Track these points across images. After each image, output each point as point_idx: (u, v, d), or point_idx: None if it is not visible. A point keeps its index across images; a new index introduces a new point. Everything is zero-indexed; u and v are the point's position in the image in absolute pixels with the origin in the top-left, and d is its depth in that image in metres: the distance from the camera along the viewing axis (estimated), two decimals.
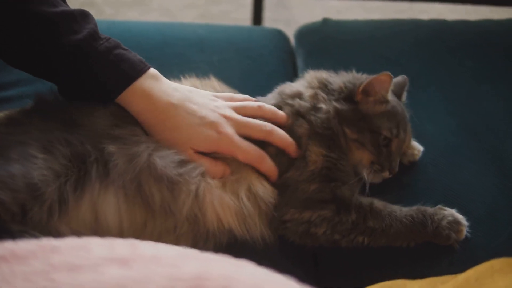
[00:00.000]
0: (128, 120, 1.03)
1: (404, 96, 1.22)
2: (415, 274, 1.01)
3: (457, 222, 1.04)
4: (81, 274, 0.54)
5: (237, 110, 1.08)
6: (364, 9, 2.92)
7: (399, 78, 1.21)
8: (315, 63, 1.34)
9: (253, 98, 1.14)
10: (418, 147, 1.19)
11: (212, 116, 1.04)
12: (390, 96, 1.13)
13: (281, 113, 1.10)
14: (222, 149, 1.04)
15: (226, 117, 1.05)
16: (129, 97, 1.02)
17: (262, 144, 1.06)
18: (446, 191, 1.15)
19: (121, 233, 0.97)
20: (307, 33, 1.58)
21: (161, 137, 1.02)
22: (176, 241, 1.00)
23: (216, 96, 1.10)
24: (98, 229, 0.96)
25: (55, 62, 1.01)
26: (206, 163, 1.03)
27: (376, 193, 1.09)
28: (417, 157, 1.19)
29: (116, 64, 1.01)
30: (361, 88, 1.09)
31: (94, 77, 1.01)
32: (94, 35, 1.02)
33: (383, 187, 1.11)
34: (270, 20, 2.74)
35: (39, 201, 0.90)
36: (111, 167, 0.97)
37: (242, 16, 2.83)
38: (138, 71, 1.03)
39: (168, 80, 1.07)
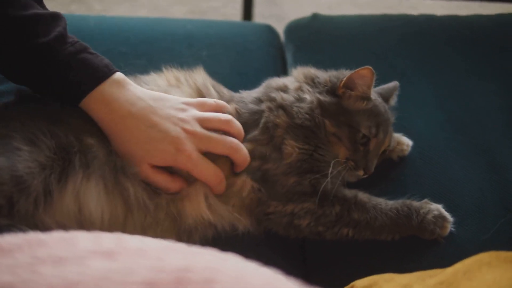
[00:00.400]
0: None
1: (393, 100, 1.22)
2: (404, 268, 1.01)
3: (442, 217, 1.05)
4: (66, 266, 0.54)
5: (203, 122, 1.04)
6: (354, 5, 2.92)
7: (390, 84, 1.22)
8: (304, 58, 1.34)
9: (226, 105, 1.11)
10: (407, 142, 1.20)
11: (174, 131, 1.00)
12: (374, 96, 1.13)
13: (243, 134, 1.08)
14: (179, 165, 1.02)
15: (189, 132, 1.02)
16: (90, 104, 1.00)
17: None
18: (434, 185, 1.15)
19: (103, 225, 0.97)
20: (296, 29, 1.58)
21: (117, 147, 1.01)
22: (161, 236, 1.00)
23: (187, 103, 1.06)
24: (83, 220, 0.96)
25: (22, 65, 1.00)
26: (161, 180, 1.02)
27: (364, 186, 1.09)
28: (406, 152, 1.19)
29: (79, 69, 0.99)
30: (343, 82, 1.10)
31: (58, 81, 1.00)
32: (61, 38, 1.00)
33: (371, 181, 1.11)
34: (260, 16, 2.74)
35: (25, 194, 0.89)
36: (91, 159, 0.97)
37: (232, 12, 2.83)
38: (100, 77, 1.00)
39: (135, 87, 1.04)
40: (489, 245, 1.02)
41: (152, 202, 1.01)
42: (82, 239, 0.61)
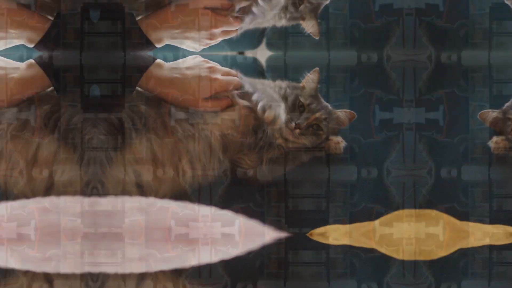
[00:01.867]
0: None
1: None
2: None
3: None
4: None
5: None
6: None
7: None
8: None
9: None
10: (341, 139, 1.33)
11: (203, 72, 1.33)
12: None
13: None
14: (222, 85, 1.33)
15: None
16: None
17: None
18: None
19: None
20: None
21: (175, 100, 1.31)
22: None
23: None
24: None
25: None
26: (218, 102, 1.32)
27: None
28: (341, 148, 1.33)
29: None
30: None
31: None
32: None
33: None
34: None
35: None
36: (147, 117, 1.29)
37: None
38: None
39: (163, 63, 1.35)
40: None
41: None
42: None
